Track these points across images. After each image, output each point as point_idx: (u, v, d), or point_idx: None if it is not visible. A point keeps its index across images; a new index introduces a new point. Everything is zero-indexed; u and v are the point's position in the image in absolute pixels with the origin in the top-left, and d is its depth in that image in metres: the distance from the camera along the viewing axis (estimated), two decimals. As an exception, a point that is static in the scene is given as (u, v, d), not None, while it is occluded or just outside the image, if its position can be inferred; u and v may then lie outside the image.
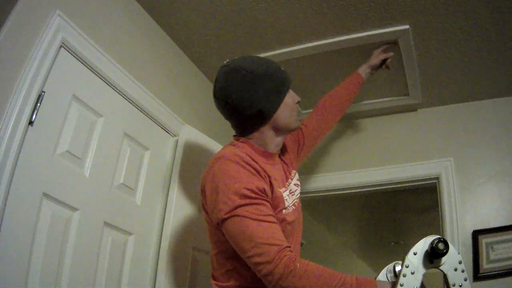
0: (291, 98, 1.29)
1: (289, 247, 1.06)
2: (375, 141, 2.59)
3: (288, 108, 1.28)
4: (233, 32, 2.03)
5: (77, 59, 1.52)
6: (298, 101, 1.33)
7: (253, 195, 1.08)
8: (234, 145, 1.24)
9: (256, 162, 1.16)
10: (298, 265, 1.01)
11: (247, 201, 1.07)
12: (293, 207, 1.27)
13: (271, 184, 1.18)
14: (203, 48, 2.16)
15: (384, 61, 1.94)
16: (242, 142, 1.26)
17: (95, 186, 1.55)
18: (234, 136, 1.32)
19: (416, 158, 2.42)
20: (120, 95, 1.73)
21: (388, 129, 2.58)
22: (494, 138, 2.29)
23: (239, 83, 1.22)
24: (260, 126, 1.26)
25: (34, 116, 1.32)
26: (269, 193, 1.15)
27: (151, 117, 1.90)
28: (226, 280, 1.17)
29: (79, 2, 1.56)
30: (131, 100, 1.78)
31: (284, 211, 1.20)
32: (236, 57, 1.30)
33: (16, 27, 1.30)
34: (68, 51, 1.48)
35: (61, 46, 1.44)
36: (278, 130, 1.28)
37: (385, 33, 1.93)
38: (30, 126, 1.31)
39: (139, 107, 1.82)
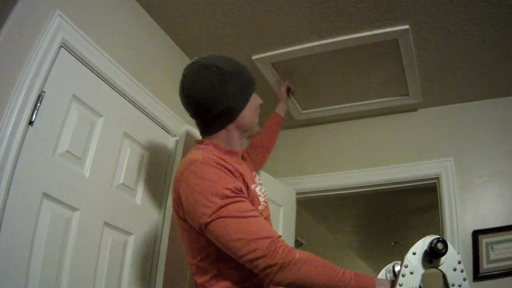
0: (255, 99, 1.31)
1: (281, 236, 1.05)
2: (375, 141, 2.59)
3: (253, 108, 1.29)
4: (233, 32, 2.03)
5: (77, 59, 1.52)
6: (261, 104, 1.34)
7: (232, 194, 1.07)
8: (200, 149, 1.22)
9: (228, 163, 1.15)
10: (298, 255, 1.01)
11: (228, 200, 1.05)
12: (265, 204, 1.27)
13: (245, 182, 1.17)
14: (203, 48, 2.16)
15: (288, 90, 2.05)
16: (206, 144, 1.25)
17: (95, 186, 1.55)
18: (197, 141, 1.31)
19: (416, 158, 2.42)
20: (120, 95, 1.73)
21: (388, 129, 2.58)
22: (494, 138, 2.29)
23: (210, 80, 1.21)
24: (227, 124, 1.25)
25: (34, 116, 1.32)
26: (245, 191, 1.14)
27: (151, 117, 1.90)
28: (213, 285, 1.13)
29: (79, 2, 1.56)
30: (131, 100, 1.78)
31: (259, 207, 1.20)
32: (205, 55, 1.30)
33: (16, 27, 1.30)
34: (68, 51, 1.48)
35: (61, 46, 1.44)
36: (242, 130, 1.28)
37: (385, 33, 1.93)
38: (30, 126, 1.31)
39: (139, 107, 1.83)
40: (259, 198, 1.23)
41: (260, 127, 1.38)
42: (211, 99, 1.21)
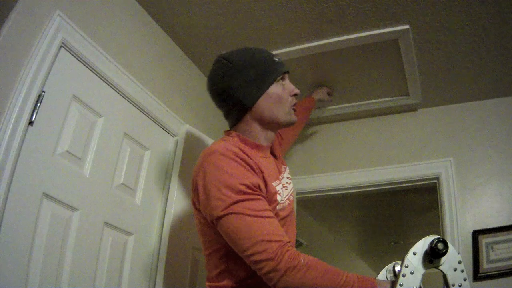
0: (280, 89, 1.23)
1: (290, 242, 1.04)
2: (375, 141, 2.59)
3: (273, 99, 1.22)
4: (233, 33, 2.03)
5: (77, 59, 1.52)
6: (295, 94, 1.26)
7: (249, 190, 1.05)
8: (224, 140, 1.21)
9: (249, 157, 1.13)
10: (302, 260, 1.00)
11: (243, 197, 1.04)
12: (288, 202, 1.23)
13: (264, 180, 1.15)
14: (203, 48, 2.16)
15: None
16: (232, 136, 1.24)
17: (95, 186, 1.55)
18: (225, 131, 1.30)
19: (416, 158, 2.42)
20: (120, 95, 1.73)
21: (388, 129, 2.58)
22: (494, 138, 2.29)
23: (219, 73, 1.23)
24: (243, 116, 1.24)
25: (34, 116, 1.32)
26: (263, 188, 1.12)
27: (151, 117, 1.90)
28: (219, 281, 1.13)
29: (79, 2, 1.56)
30: (131, 100, 1.78)
31: (278, 206, 1.17)
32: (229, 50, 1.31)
33: (16, 27, 1.30)
34: (68, 51, 1.48)
35: (61, 46, 1.44)
36: (264, 123, 1.24)
37: (385, 33, 1.93)
38: (30, 126, 1.31)
39: (139, 107, 1.83)
40: (278, 196, 1.19)
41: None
42: (222, 92, 1.23)
